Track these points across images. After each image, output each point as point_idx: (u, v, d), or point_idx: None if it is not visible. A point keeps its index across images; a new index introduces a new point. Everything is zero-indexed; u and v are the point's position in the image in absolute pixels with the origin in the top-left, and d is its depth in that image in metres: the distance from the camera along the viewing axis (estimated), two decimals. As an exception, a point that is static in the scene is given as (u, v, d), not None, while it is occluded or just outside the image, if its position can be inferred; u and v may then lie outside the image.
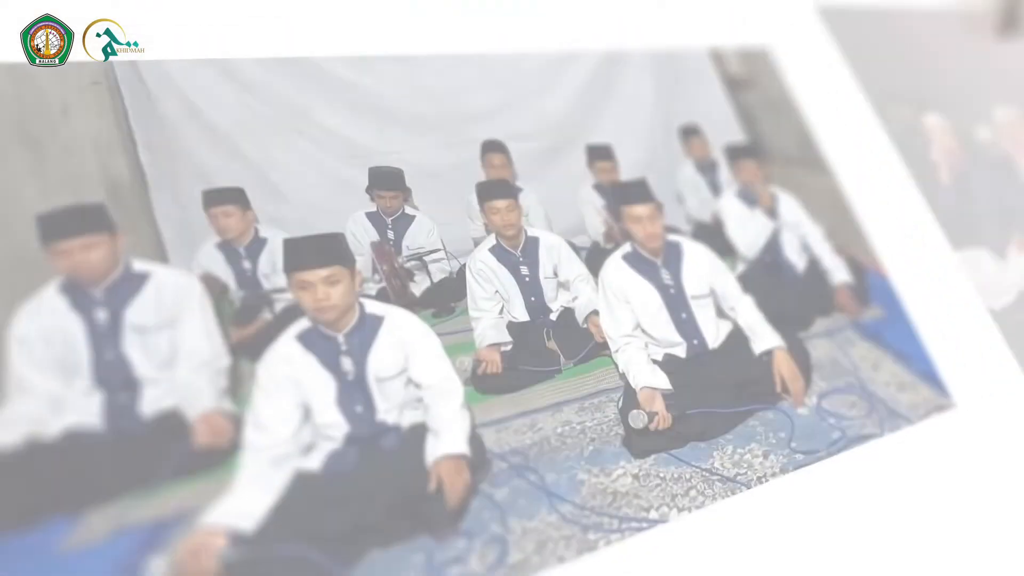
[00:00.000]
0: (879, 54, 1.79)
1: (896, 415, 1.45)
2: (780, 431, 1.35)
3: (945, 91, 1.84)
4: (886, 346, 1.56)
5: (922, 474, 1.39)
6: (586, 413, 1.24)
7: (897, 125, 1.68)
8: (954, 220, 1.64)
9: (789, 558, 1.21)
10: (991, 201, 1.75)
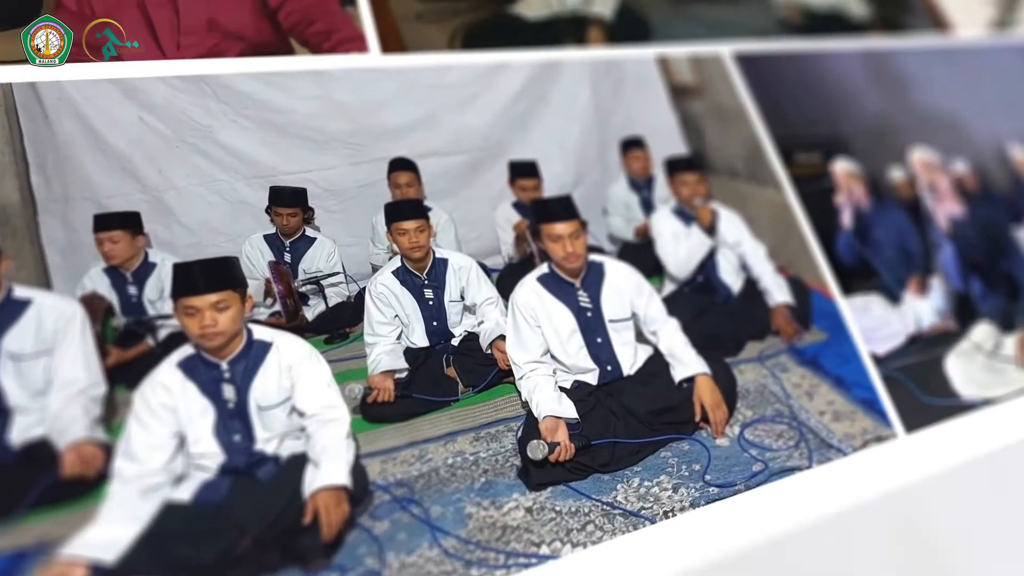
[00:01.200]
0: (792, 96, 1.76)
1: (828, 446, 1.44)
2: (695, 463, 1.34)
3: (860, 133, 1.82)
4: (824, 373, 1.54)
5: (850, 508, 1.37)
6: (481, 443, 1.25)
7: (804, 170, 1.68)
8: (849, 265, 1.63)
9: None
10: (892, 245, 1.72)
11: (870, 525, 1.37)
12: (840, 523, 1.34)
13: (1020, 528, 1.45)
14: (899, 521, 1.39)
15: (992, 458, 1.54)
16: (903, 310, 1.73)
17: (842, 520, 1.34)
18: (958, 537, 1.41)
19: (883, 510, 1.40)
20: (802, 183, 1.80)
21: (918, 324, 1.72)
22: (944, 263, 1.85)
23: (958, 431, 1.57)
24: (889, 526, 1.38)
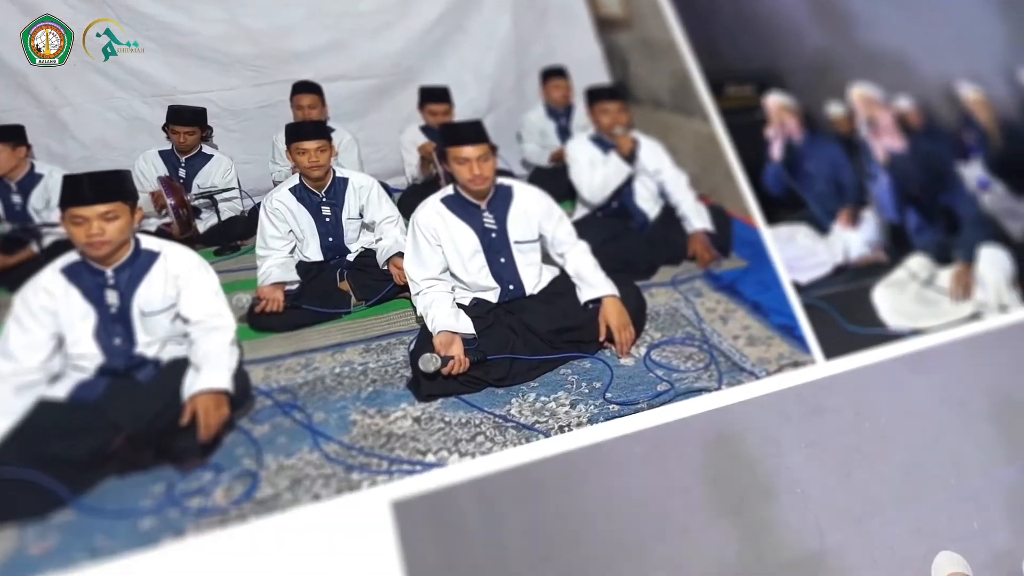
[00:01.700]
0: (728, 31, 1.75)
1: (740, 369, 1.42)
2: (596, 381, 1.35)
3: (799, 69, 1.80)
4: (741, 299, 1.54)
5: (748, 431, 1.35)
6: (371, 355, 1.26)
7: (735, 103, 1.67)
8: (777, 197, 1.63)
9: (581, 511, 1.18)
10: (824, 177, 1.71)
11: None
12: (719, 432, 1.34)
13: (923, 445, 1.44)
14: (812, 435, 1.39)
15: (908, 383, 1.52)
16: (831, 241, 1.71)
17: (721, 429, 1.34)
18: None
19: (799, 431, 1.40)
20: (732, 115, 1.79)
21: (846, 255, 1.71)
22: (878, 194, 1.82)
23: (880, 358, 1.57)
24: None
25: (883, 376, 1.54)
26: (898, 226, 1.82)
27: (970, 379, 1.59)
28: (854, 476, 1.41)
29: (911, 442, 1.48)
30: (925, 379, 1.56)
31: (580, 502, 1.25)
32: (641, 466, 1.30)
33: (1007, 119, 2.14)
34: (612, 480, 1.28)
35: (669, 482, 1.31)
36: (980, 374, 1.60)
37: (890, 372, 1.55)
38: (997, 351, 1.64)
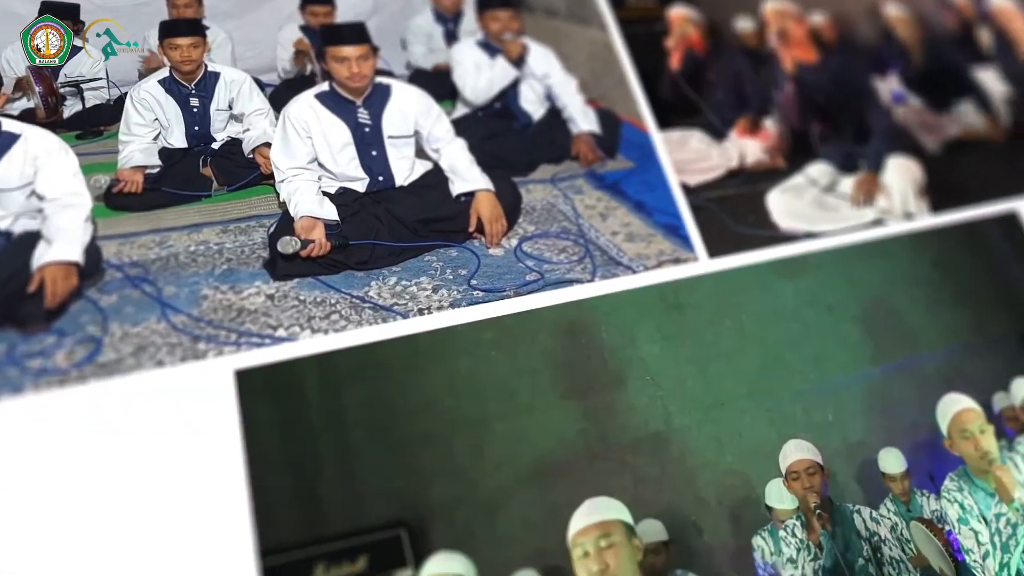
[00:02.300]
0: None
1: (616, 263, 1.44)
2: (461, 268, 1.38)
3: None
4: (624, 197, 1.55)
5: (605, 323, 1.37)
6: (229, 235, 1.29)
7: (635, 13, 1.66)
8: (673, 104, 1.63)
9: (424, 387, 1.20)
10: (726, 87, 1.70)
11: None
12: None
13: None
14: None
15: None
16: (726, 146, 1.71)
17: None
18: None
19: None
20: (631, 25, 1.78)
21: (742, 160, 1.71)
22: (782, 103, 1.81)
23: (762, 259, 1.57)
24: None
25: (755, 278, 1.56)
26: (801, 134, 1.82)
27: (842, 285, 1.62)
28: (709, 368, 1.45)
29: (772, 340, 1.51)
30: (796, 282, 1.59)
31: (425, 380, 1.29)
32: (490, 349, 1.34)
33: (933, 36, 2.12)
34: (459, 361, 1.32)
35: (517, 365, 1.35)
36: (854, 281, 1.63)
37: (763, 274, 1.57)
38: (876, 260, 1.66)
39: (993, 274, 1.78)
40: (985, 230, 1.83)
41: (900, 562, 1.39)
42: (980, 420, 1.50)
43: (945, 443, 1.51)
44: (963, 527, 1.44)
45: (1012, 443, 1.61)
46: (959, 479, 1.50)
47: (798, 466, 1.40)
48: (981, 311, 1.72)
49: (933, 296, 1.71)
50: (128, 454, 1.12)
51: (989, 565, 1.42)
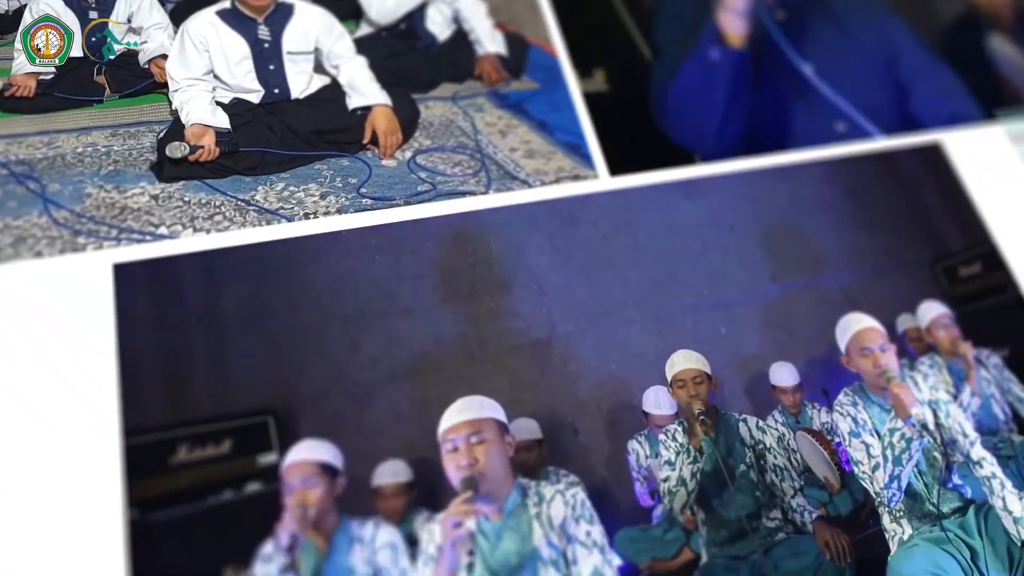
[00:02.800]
0: None
1: (512, 178, 1.45)
2: (352, 177, 1.40)
3: None
4: (526, 116, 1.57)
5: (494, 234, 1.38)
6: (117, 139, 1.33)
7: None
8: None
9: (303, 286, 1.22)
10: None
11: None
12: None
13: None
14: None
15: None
16: (638, 71, 1.71)
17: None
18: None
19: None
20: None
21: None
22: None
23: (666, 179, 1.57)
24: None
25: (655, 197, 1.57)
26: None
27: (746, 206, 1.63)
28: (598, 279, 1.47)
29: (667, 256, 1.53)
30: (698, 202, 1.60)
31: (304, 279, 1.33)
32: (374, 254, 1.37)
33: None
34: (341, 264, 1.35)
35: (400, 269, 1.38)
36: (760, 203, 1.64)
37: (664, 194, 1.58)
38: (784, 184, 1.65)
39: (909, 202, 1.77)
40: (904, 160, 1.83)
41: (784, 469, 1.40)
42: (882, 339, 1.50)
43: (843, 360, 1.51)
44: (854, 440, 1.45)
45: (914, 363, 1.62)
46: (854, 394, 1.50)
47: (685, 375, 1.41)
48: (893, 236, 1.72)
49: (843, 220, 1.71)
50: (3, 338, 1.16)
51: (878, 476, 1.42)
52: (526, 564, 1.20)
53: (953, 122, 1.90)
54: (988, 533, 1.43)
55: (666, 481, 1.34)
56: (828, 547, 1.35)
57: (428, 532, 1.13)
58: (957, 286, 1.72)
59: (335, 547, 1.19)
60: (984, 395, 1.63)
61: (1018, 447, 1.58)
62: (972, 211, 1.80)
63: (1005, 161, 1.88)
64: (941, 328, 1.65)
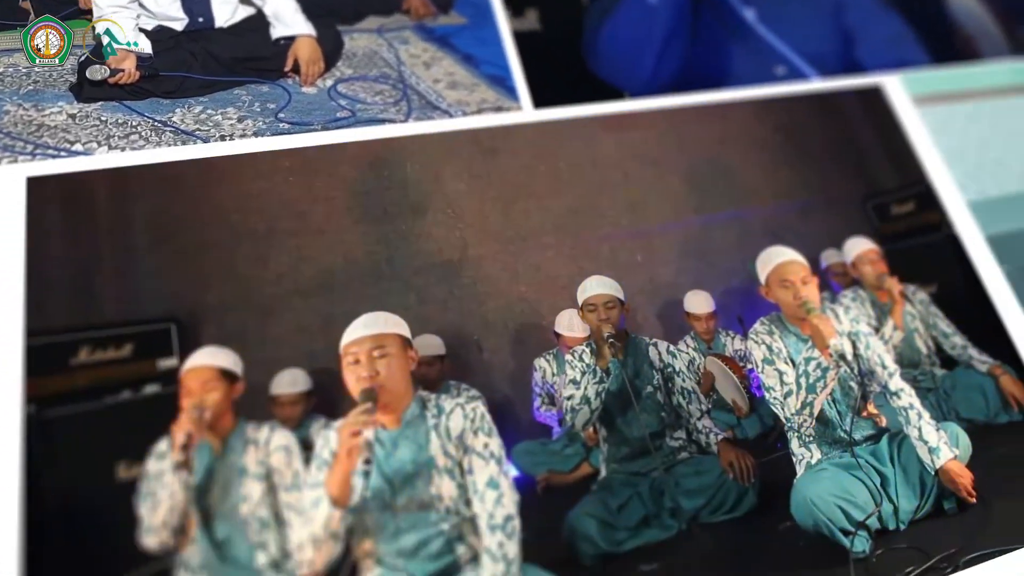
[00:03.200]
0: None
1: (433, 107, 1.47)
2: (271, 103, 1.42)
3: None
4: (452, 49, 1.58)
5: (411, 160, 1.40)
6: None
7: None
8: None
9: (214, 203, 1.25)
10: None
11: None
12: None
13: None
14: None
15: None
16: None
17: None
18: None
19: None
20: None
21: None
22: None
23: (590, 113, 1.58)
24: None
25: (579, 130, 1.59)
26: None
27: (672, 142, 1.64)
28: (515, 206, 1.50)
29: (587, 186, 1.56)
30: (623, 136, 1.62)
31: (215, 197, 1.37)
32: (287, 175, 1.40)
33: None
34: (254, 184, 1.38)
35: (313, 191, 1.40)
36: (686, 139, 1.66)
37: (589, 127, 1.60)
38: (713, 122, 1.66)
39: (844, 142, 1.77)
40: (843, 101, 1.82)
41: (692, 392, 1.42)
42: (804, 272, 1.51)
43: (761, 290, 1.52)
44: (767, 367, 1.46)
45: (836, 296, 1.63)
46: (770, 323, 1.51)
47: (596, 299, 1.43)
48: (824, 174, 1.73)
49: (773, 158, 1.72)
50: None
51: (790, 403, 1.43)
52: (421, 472, 1.23)
53: (899, 68, 1.90)
54: (901, 461, 1.45)
55: (570, 399, 1.37)
56: (732, 467, 1.37)
57: (324, 438, 1.17)
58: (888, 224, 1.72)
59: (229, 448, 1.23)
60: (908, 329, 1.64)
61: (939, 380, 1.59)
62: (909, 152, 1.80)
63: (947, 104, 1.88)
64: (867, 263, 1.66)
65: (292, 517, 1.19)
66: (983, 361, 1.53)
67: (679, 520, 1.26)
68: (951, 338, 1.60)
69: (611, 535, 1.26)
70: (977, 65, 1.92)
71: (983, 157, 1.69)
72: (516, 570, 1.11)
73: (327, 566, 1.15)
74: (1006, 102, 1.79)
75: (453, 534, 1.20)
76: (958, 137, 1.74)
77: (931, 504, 1.33)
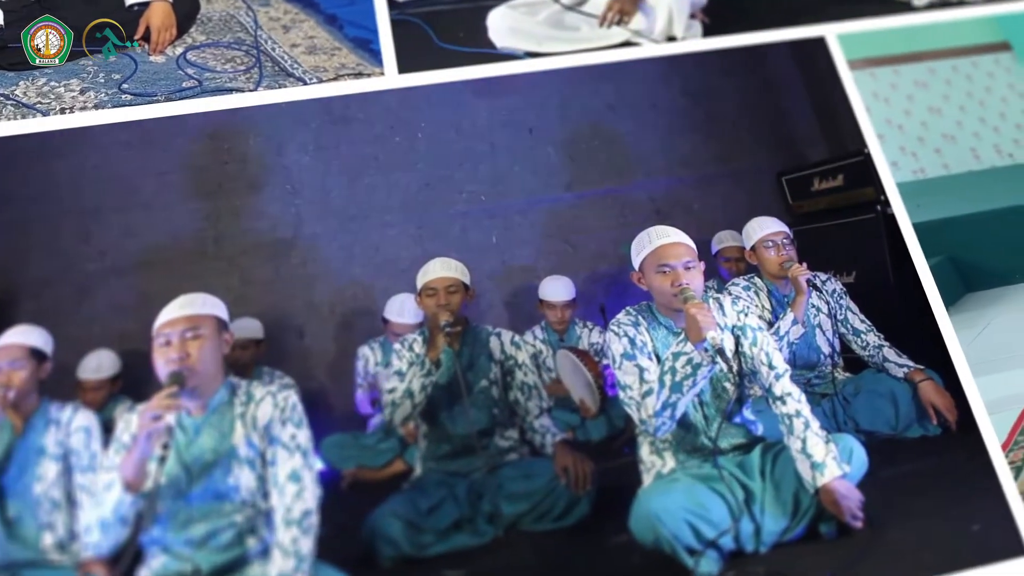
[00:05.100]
0: None
1: (287, 75, 1.42)
2: (116, 73, 1.43)
3: None
4: (315, 10, 1.54)
5: (254, 132, 1.37)
6: None
7: None
8: None
9: (48, 179, 1.28)
10: None
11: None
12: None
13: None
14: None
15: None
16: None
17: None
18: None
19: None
20: None
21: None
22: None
23: (460, 78, 1.48)
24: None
25: (447, 96, 1.52)
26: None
27: (553, 108, 1.55)
28: (360, 182, 1.48)
29: (447, 159, 1.51)
30: (496, 102, 1.54)
31: (48, 172, 1.43)
32: (122, 149, 1.41)
33: None
34: (88, 158, 1.42)
35: (147, 165, 1.42)
36: (570, 104, 1.59)
37: (457, 93, 1.52)
38: (606, 84, 1.56)
39: (766, 105, 1.61)
40: (773, 57, 1.62)
41: (533, 388, 1.35)
42: (688, 256, 1.38)
43: (633, 276, 1.42)
44: (627, 362, 1.36)
45: (723, 285, 1.47)
46: (638, 313, 1.41)
47: (437, 283, 1.39)
48: (734, 143, 1.59)
49: (673, 124, 1.60)
50: None
51: (648, 403, 1.33)
52: (221, 461, 1.25)
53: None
54: (774, 475, 1.33)
55: (391, 392, 1.34)
56: (566, 472, 1.30)
57: (125, 421, 1.19)
58: (806, 201, 1.55)
59: (31, 427, 1.29)
60: (809, 324, 1.47)
61: (839, 385, 1.44)
62: (849, 116, 1.59)
63: (893, 67, 1.61)
64: (771, 248, 1.50)
65: (84, 499, 1.25)
66: (901, 364, 1.38)
67: (496, 526, 1.22)
68: (864, 336, 1.44)
69: (416, 538, 1.24)
70: (930, 17, 1.62)
71: (929, 130, 1.47)
72: (308, 567, 1.11)
73: (112, 551, 1.20)
74: (965, 64, 1.53)
75: (245, 526, 1.22)
76: (902, 104, 1.53)
77: (804, 526, 1.21)
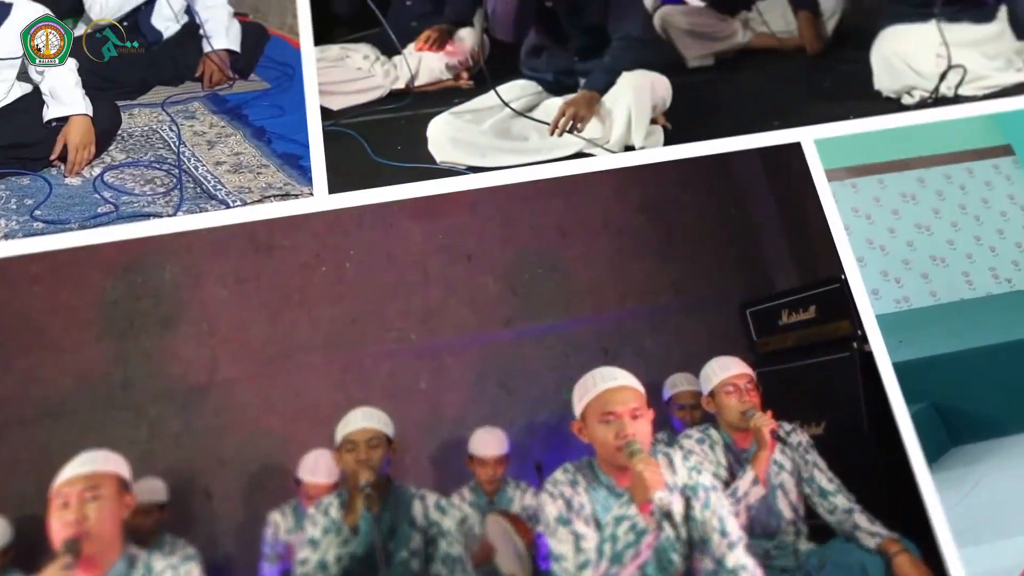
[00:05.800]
0: None
1: (210, 197, 1.36)
2: (28, 198, 1.39)
3: None
4: (243, 123, 1.49)
5: (171, 261, 1.30)
6: None
7: None
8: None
9: None
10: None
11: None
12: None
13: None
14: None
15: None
16: (399, 62, 1.53)
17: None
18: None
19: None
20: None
21: (413, 79, 1.51)
22: (495, 9, 1.56)
23: (403, 195, 1.39)
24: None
25: (379, 218, 1.44)
26: (511, 46, 1.57)
27: (495, 230, 1.46)
28: (282, 317, 1.40)
29: (375, 291, 1.42)
30: (433, 225, 1.43)
31: None
32: (32, 284, 1.36)
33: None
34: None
35: (56, 301, 1.36)
36: (514, 225, 1.49)
37: (391, 214, 1.43)
38: (555, 200, 1.44)
39: (731, 222, 1.48)
40: (739, 165, 1.50)
41: (457, 560, 1.25)
42: (636, 403, 1.27)
43: (574, 426, 1.32)
44: (561, 528, 1.25)
45: (674, 437, 1.36)
46: (576, 471, 1.30)
47: (358, 436, 1.30)
48: (693, 268, 1.46)
49: (627, 247, 1.48)
50: None
51: (585, 577, 1.22)
52: (114, 640, 1.18)
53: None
54: (722, 666, 1.22)
55: (304, 564, 1.26)
56: (490, 658, 1.21)
57: (14, 596, 1.23)
58: (772, 338, 1.42)
59: None
60: (771, 484, 1.35)
61: (802, 556, 1.32)
62: (826, 236, 1.47)
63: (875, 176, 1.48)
64: (732, 394, 1.38)
65: None
66: (873, 533, 1.23)
67: None
68: (832, 498, 1.31)
69: None
70: (922, 116, 1.45)
71: (916, 252, 1.34)
72: None
73: None
74: (960, 172, 1.39)
75: None
76: (886, 221, 1.40)
77: None
